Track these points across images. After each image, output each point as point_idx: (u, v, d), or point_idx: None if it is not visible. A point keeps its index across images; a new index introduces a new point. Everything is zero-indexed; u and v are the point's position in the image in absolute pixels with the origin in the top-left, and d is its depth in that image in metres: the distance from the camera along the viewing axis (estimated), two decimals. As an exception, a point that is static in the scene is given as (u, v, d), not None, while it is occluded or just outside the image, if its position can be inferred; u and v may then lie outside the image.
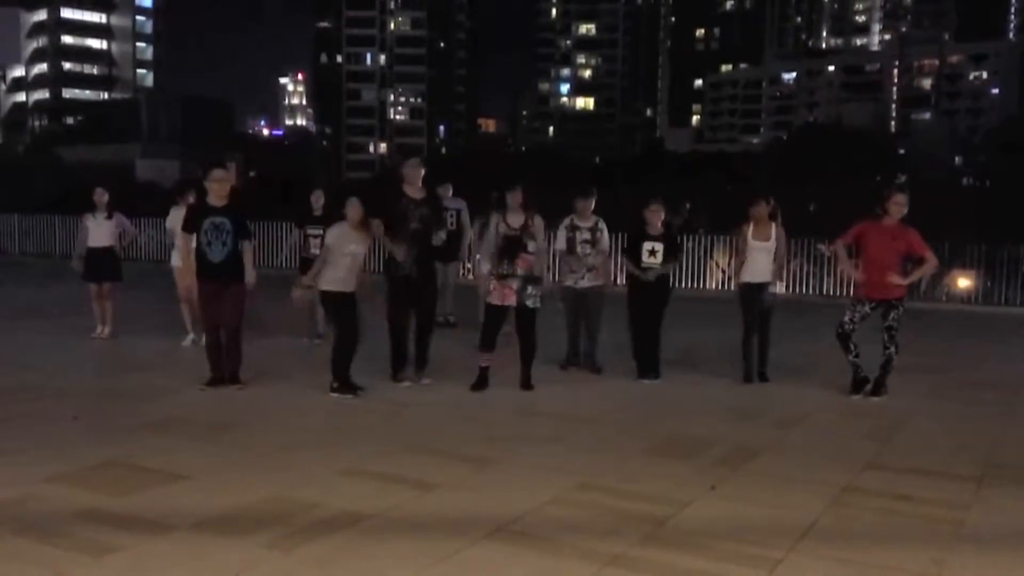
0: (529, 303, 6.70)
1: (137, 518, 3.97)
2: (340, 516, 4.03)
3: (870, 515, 4.23)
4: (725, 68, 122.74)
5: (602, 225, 7.36)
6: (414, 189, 6.72)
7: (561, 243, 7.44)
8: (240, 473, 4.65)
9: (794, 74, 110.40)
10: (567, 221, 7.38)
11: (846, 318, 6.69)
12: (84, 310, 9.22)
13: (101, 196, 8.82)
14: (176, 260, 8.18)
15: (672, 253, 7.33)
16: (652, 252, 7.13)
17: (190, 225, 6.54)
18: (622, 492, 4.46)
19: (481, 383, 6.72)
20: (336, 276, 6.41)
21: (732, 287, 13.69)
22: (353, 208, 6.38)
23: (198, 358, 7.40)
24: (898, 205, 6.46)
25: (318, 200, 8.64)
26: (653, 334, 7.27)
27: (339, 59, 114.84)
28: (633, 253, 7.25)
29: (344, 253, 6.36)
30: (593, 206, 7.34)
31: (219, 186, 6.39)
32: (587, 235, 7.29)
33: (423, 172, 6.76)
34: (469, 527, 3.94)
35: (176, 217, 7.98)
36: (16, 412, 5.82)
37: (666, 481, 4.65)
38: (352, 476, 4.64)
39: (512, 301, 6.68)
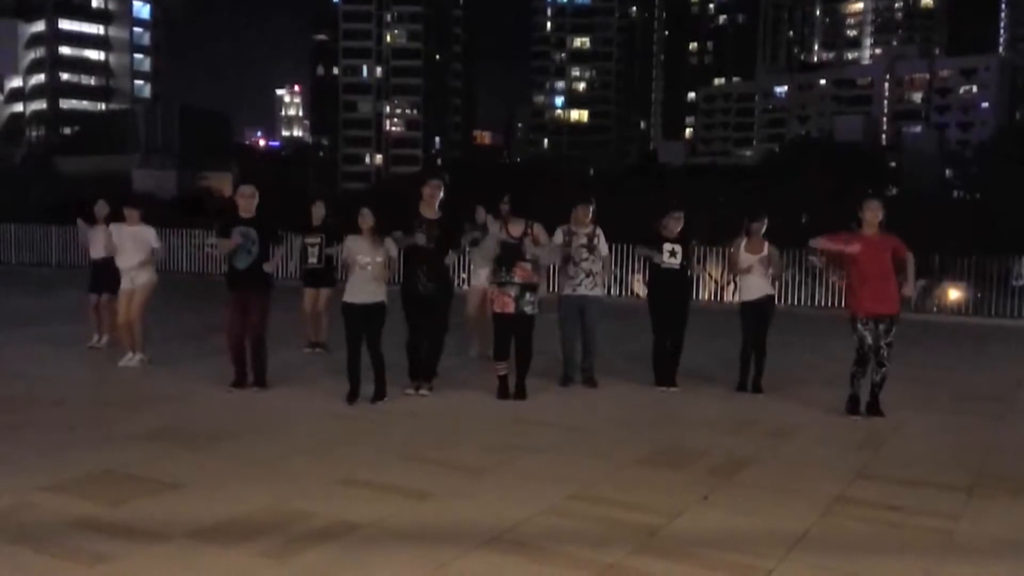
0: (527, 310, 6.78)
1: (131, 527, 3.98)
2: (335, 525, 4.05)
3: (862, 525, 4.26)
4: (718, 82, 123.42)
5: (599, 231, 7.38)
6: (431, 210, 6.77)
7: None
8: (235, 482, 4.65)
9: (786, 88, 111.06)
10: (564, 228, 7.40)
11: (869, 341, 6.40)
12: (80, 319, 9.21)
13: (102, 209, 8.83)
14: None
15: (690, 255, 7.35)
16: (672, 253, 7.17)
17: (222, 234, 6.83)
18: (616, 502, 4.48)
19: (503, 392, 6.81)
20: (352, 287, 6.49)
21: (724, 298, 13.86)
22: (363, 218, 6.44)
23: (195, 368, 7.40)
24: (872, 211, 6.42)
25: (318, 211, 8.70)
26: (676, 341, 7.27)
27: (336, 71, 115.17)
28: (651, 246, 7.21)
29: (356, 263, 6.43)
30: (591, 214, 7.37)
31: (245, 201, 6.80)
32: (584, 240, 7.31)
33: (441, 193, 6.80)
34: (464, 536, 3.95)
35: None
36: (12, 421, 5.81)
37: (659, 491, 4.68)
38: (347, 485, 4.65)
39: (511, 309, 6.75)
